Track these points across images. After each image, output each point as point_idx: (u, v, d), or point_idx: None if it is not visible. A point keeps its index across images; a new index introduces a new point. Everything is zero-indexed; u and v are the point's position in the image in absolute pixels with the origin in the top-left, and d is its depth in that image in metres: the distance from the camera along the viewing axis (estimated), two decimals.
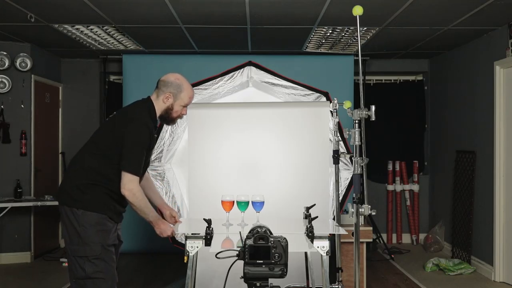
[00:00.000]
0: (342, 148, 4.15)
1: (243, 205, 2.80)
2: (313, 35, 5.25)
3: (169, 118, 2.74)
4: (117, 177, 2.54)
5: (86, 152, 2.61)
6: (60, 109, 6.62)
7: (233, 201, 2.82)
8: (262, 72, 4.64)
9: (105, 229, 2.54)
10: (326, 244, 2.52)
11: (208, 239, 2.48)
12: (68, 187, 2.57)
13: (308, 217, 2.66)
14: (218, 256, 1.98)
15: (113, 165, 2.54)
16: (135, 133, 2.52)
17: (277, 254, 1.85)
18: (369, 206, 2.73)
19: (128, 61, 6.06)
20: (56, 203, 5.83)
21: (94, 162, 2.55)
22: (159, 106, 2.70)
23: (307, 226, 2.53)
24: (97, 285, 2.49)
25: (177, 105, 2.71)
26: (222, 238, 2.52)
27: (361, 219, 2.94)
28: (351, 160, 3.95)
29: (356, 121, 2.89)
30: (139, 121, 2.56)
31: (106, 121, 2.70)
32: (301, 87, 4.63)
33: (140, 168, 2.55)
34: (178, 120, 2.83)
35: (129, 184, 2.49)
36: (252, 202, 2.81)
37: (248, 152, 4.25)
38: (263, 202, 2.81)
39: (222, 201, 2.82)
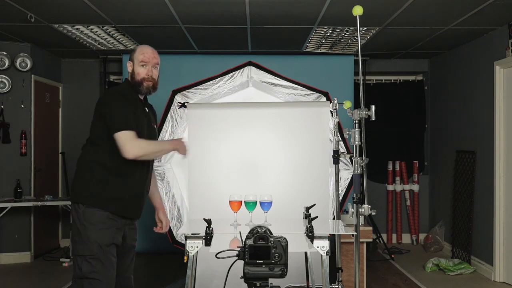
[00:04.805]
0: (342, 148, 4.14)
1: (251, 205, 2.80)
2: (313, 35, 5.25)
3: (136, 83, 2.69)
4: (121, 164, 2.55)
5: (84, 149, 2.68)
6: (60, 109, 6.62)
7: (241, 201, 2.81)
8: (262, 72, 4.64)
9: (106, 228, 2.53)
10: (326, 244, 2.52)
11: (208, 239, 2.47)
12: (74, 184, 2.64)
13: (308, 217, 2.66)
14: (218, 256, 1.97)
15: (112, 153, 2.53)
16: (108, 102, 2.59)
17: (277, 254, 1.85)
18: (369, 206, 2.73)
19: None
20: (56, 203, 5.86)
21: (93, 156, 2.60)
22: (130, 78, 2.72)
23: (307, 226, 2.53)
24: (93, 286, 2.47)
25: (136, 66, 2.69)
26: (223, 238, 2.52)
27: (361, 219, 2.93)
28: (351, 160, 3.95)
29: (356, 121, 2.89)
30: (108, 95, 2.70)
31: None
32: (301, 87, 4.63)
33: (128, 121, 2.51)
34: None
35: (128, 144, 2.47)
36: (260, 202, 2.80)
37: (248, 152, 4.25)
38: (271, 202, 2.81)
39: (230, 201, 2.81)
